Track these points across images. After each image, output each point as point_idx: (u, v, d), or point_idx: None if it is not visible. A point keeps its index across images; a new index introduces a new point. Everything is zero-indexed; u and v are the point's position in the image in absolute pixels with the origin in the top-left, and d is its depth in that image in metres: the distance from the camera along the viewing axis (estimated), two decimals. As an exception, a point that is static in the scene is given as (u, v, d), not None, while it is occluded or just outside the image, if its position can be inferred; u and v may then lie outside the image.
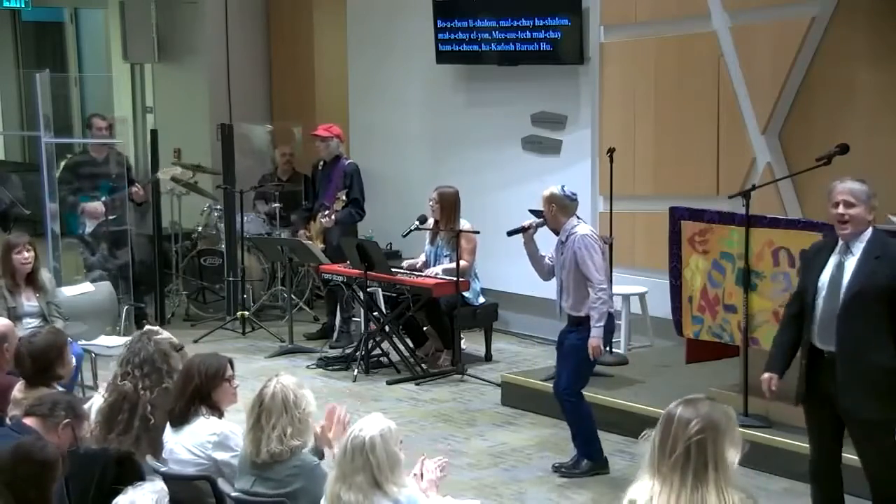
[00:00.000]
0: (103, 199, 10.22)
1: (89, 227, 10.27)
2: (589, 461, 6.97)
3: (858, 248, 5.33)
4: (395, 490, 4.18)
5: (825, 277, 5.38)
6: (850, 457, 5.55)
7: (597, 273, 6.74)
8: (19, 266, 7.71)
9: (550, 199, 6.88)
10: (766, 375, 5.58)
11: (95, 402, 5.42)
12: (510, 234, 7.26)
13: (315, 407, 4.71)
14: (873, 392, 5.27)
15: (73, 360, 5.94)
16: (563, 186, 6.93)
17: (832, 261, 5.38)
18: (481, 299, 9.49)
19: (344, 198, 10.07)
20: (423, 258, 9.53)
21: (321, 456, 4.89)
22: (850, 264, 5.32)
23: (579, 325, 6.86)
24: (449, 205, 9.23)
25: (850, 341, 5.30)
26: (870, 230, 5.34)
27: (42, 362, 5.54)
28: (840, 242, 5.37)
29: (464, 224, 9.20)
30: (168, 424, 5.04)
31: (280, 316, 10.92)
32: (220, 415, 5.02)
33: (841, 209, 5.33)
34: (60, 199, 10.15)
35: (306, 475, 4.62)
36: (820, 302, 5.39)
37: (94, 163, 10.35)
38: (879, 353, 5.27)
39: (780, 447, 6.78)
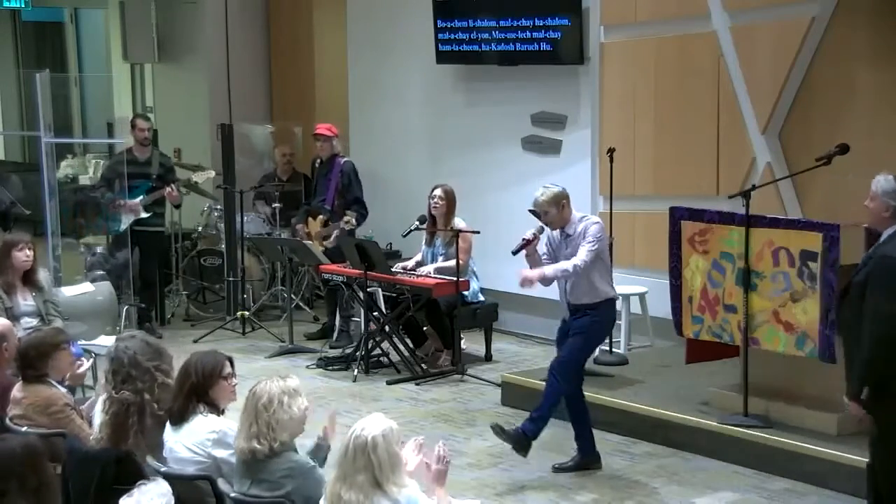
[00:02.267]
0: (141, 198, 10.35)
1: (125, 224, 10.34)
2: (579, 453, 6.98)
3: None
4: (396, 490, 4.18)
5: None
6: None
7: (586, 257, 6.71)
8: (20, 264, 7.70)
9: (555, 199, 6.83)
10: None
11: (96, 415, 5.37)
12: (515, 252, 6.99)
13: (302, 410, 4.65)
14: (856, 386, 5.28)
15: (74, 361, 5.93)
16: (551, 184, 6.92)
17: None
18: (480, 297, 9.49)
19: (354, 222, 9.97)
20: (418, 257, 9.52)
21: (323, 461, 4.89)
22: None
23: (582, 312, 6.83)
24: (452, 202, 9.25)
25: (843, 333, 5.36)
26: (893, 227, 5.33)
27: (24, 360, 5.54)
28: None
29: (459, 222, 9.20)
30: (168, 423, 5.04)
31: (280, 316, 10.93)
32: (220, 412, 5.01)
33: (866, 201, 5.41)
34: (96, 197, 10.45)
35: (299, 476, 4.61)
36: None
37: (136, 162, 10.46)
38: (859, 347, 5.29)
39: (780, 447, 6.79)
